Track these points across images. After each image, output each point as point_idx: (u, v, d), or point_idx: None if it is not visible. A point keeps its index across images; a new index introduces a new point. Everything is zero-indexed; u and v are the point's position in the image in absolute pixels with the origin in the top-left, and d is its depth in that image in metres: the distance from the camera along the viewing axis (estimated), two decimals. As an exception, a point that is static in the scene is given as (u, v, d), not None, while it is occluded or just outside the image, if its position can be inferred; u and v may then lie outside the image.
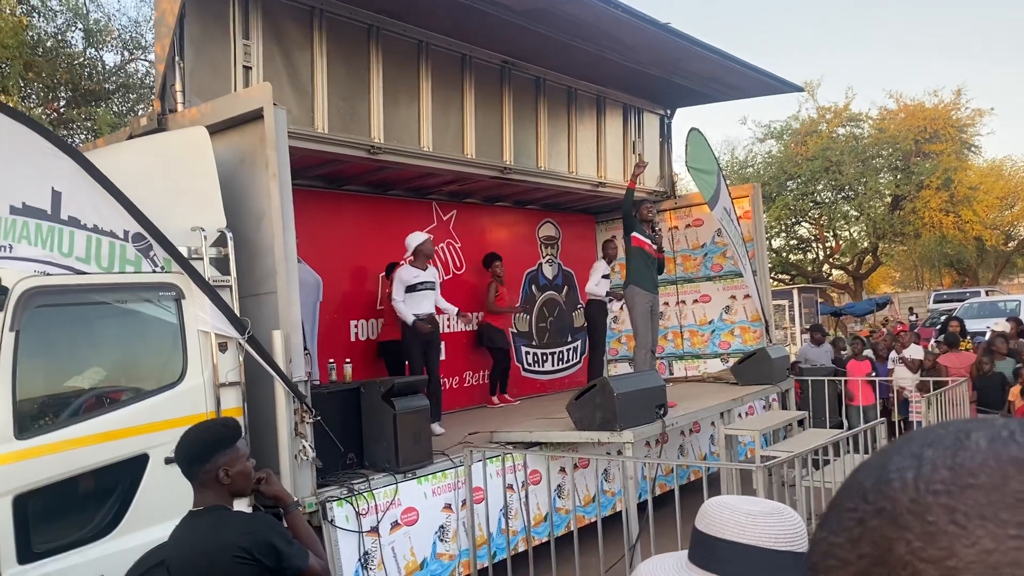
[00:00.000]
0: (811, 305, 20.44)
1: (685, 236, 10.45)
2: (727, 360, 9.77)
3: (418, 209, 8.80)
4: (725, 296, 10.17)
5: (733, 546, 1.22)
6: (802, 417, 8.16)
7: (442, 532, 5.56)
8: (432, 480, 5.58)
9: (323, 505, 4.89)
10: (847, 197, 28.48)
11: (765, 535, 1.21)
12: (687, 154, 9.11)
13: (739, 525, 1.23)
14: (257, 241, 5.05)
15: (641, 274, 7.70)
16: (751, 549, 1.21)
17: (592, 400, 5.97)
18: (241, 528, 2.48)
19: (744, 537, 1.22)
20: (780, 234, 30.27)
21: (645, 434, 6.17)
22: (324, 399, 5.32)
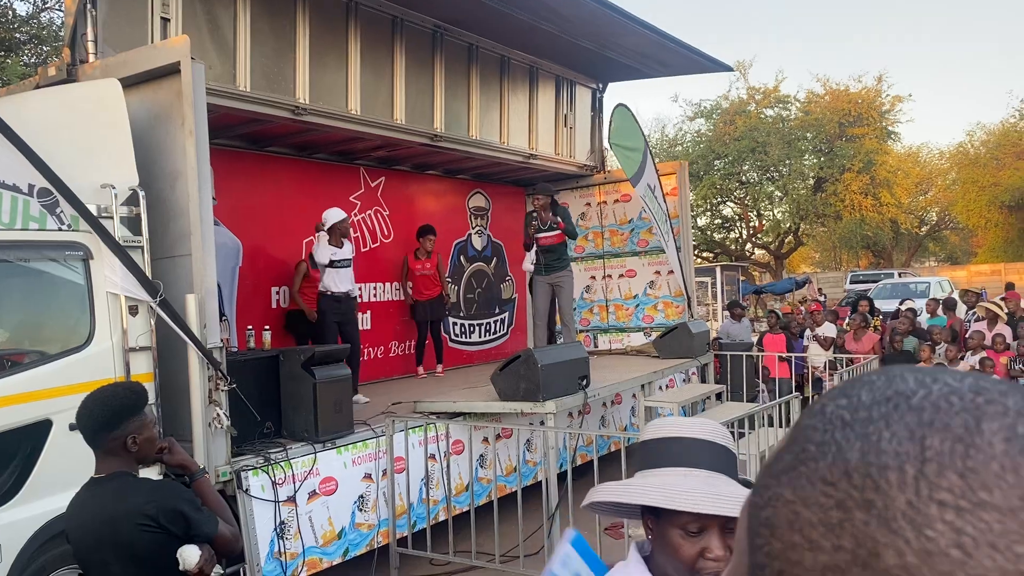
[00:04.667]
0: (733, 283, 20.92)
1: (613, 211, 10.52)
2: (650, 334, 9.92)
3: (345, 174, 8.61)
4: (650, 271, 10.29)
5: (682, 441, 1.43)
6: (720, 391, 8.36)
7: (361, 502, 5.51)
8: (352, 450, 5.51)
9: (238, 474, 4.78)
10: (772, 178, 29.19)
11: (703, 431, 1.45)
12: (611, 130, 9.15)
13: (681, 426, 1.47)
14: (172, 201, 4.86)
15: (540, 263, 8.18)
16: (697, 442, 1.43)
17: (516, 371, 5.97)
18: (147, 495, 2.39)
19: (689, 433, 1.45)
20: (706, 212, 30.86)
21: (567, 405, 6.22)
22: (241, 366, 5.18)
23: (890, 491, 0.36)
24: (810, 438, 0.41)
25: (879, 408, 0.40)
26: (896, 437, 0.38)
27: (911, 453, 0.37)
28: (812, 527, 0.38)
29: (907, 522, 0.35)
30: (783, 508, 0.40)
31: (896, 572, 0.35)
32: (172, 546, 2.35)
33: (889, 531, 0.36)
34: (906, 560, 0.35)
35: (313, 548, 5.12)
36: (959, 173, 33.40)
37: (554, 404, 5.85)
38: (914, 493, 0.36)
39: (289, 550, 4.96)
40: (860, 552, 0.36)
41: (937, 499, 0.35)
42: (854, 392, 0.42)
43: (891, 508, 0.36)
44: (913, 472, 0.36)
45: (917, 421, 0.38)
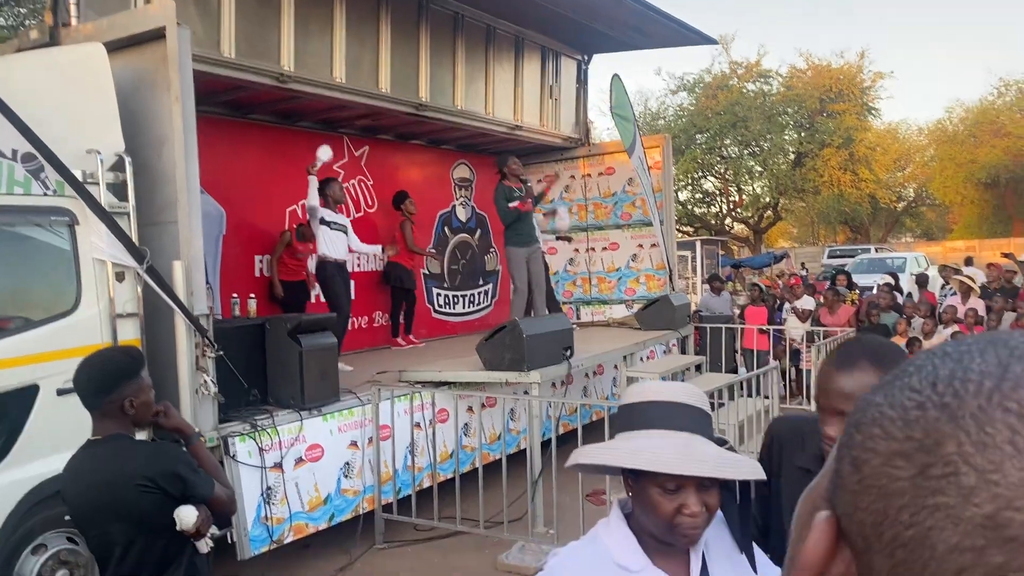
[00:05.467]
0: (712, 257, 21.07)
1: (597, 184, 10.55)
2: (631, 306, 10.01)
3: (328, 143, 8.54)
4: (633, 244, 10.36)
5: (661, 404, 1.48)
6: (700, 362, 8.47)
7: (347, 468, 5.56)
8: (338, 417, 5.56)
9: (225, 440, 4.81)
10: (753, 153, 29.29)
11: (681, 394, 1.50)
12: (611, 99, 9.14)
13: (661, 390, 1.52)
14: (157, 168, 4.83)
15: (517, 231, 7.92)
16: (675, 405, 1.48)
17: (502, 341, 6.03)
18: (145, 457, 2.42)
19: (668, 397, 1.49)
20: (687, 187, 30.95)
21: (551, 375, 6.29)
22: (227, 334, 5.18)
23: (966, 397, 0.42)
24: (911, 363, 0.48)
25: (978, 345, 0.46)
26: (985, 362, 0.44)
27: (993, 373, 0.43)
28: (891, 422, 0.44)
29: (973, 420, 0.41)
30: (872, 409, 0.46)
31: (952, 458, 0.41)
32: (169, 507, 2.39)
33: (956, 426, 0.41)
34: (963, 448, 0.41)
35: (299, 513, 5.18)
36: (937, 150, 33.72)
37: (538, 374, 5.92)
38: (986, 399, 0.41)
39: (275, 515, 5.01)
40: (927, 441, 0.42)
41: (1004, 406, 0.41)
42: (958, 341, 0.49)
43: (962, 409, 0.42)
44: (990, 385, 0.42)
45: (1008, 353, 0.44)
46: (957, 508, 0.40)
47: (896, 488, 0.42)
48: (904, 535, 0.41)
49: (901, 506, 0.42)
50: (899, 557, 0.42)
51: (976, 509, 0.39)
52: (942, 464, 0.41)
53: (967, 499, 0.40)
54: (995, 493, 0.39)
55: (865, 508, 0.44)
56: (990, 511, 0.39)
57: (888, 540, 0.42)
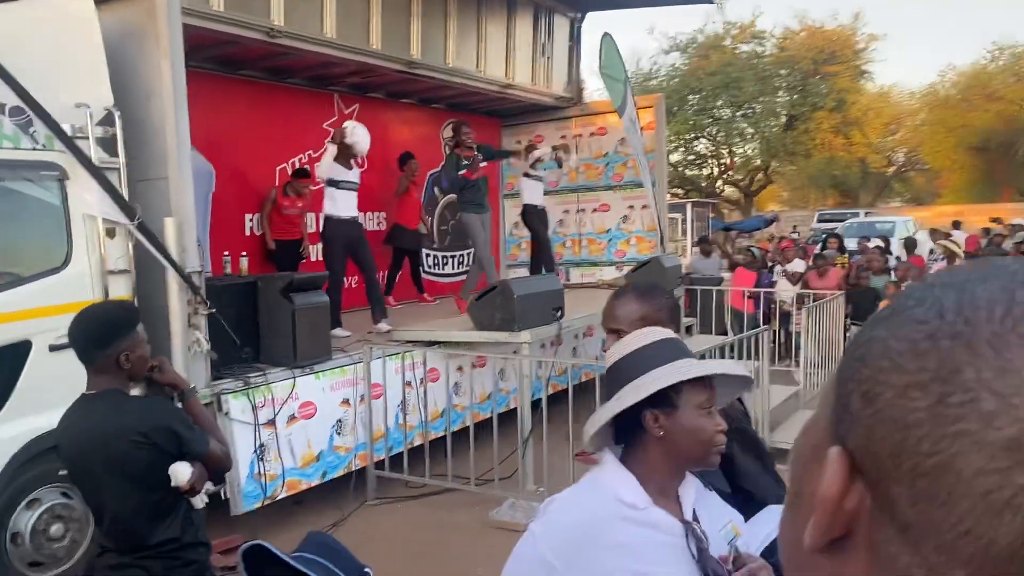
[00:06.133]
0: (703, 219, 21.07)
1: (589, 144, 10.49)
2: (622, 268, 10.02)
3: (318, 100, 8.47)
4: (624, 206, 10.34)
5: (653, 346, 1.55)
6: (690, 324, 8.52)
7: (339, 426, 5.60)
8: (330, 376, 5.58)
9: (218, 397, 4.83)
10: (745, 115, 29.14)
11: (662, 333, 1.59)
12: (601, 59, 9.05)
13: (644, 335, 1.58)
14: (147, 122, 4.77)
15: (470, 199, 7.82)
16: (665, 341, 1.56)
17: (493, 301, 6.04)
18: (140, 412, 2.43)
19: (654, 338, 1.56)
20: (679, 149, 30.83)
21: (542, 335, 6.32)
22: (219, 292, 5.18)
23: (978, 325, 0.42)
24: (910, 295, 0.48)
25: (978, 273, 0.46)
26: (991, 289, 0.44)
27: (1002, 300, 0.43)
28: (900, 354, 0.44)
29: (989, 347, 0.41)
30: (876, 343, 0.46)
31: (971, 385, 0.41)
32: (164, 463, 2.40)
33: (972, 353, 0.42)
34: (982, 375, 0.41)
35: (292, 470, 5.23)
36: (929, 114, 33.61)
37: (529, 334, 5.94)
38: (999, 325, 0.42)
39: (269, 471, 5.05)
40: (942, 371, 0.42)
41: (1018, 331, 0.41)
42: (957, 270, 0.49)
43: (977, 336, 0.42)
44: (1001, 312, 0.42)
45: (1011, 280, 0.44)
46: (980, 433, 0.40)
47: (914, 419, 0.43)
48: (925, 464, 0.42)
49: (921, 436, 0.42)
50: (920, 485, 0.42)
51: (999, 432, 0.40)
52: (961, 392, 0.41)
53: (989, 424, 0.40)
54: (1017, 416, 0.40)
55: (881, 440, 0.44)
56: (1013, 433, 0.40)
57: (908, 470, 0.43)
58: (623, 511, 1.48)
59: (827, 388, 0.51)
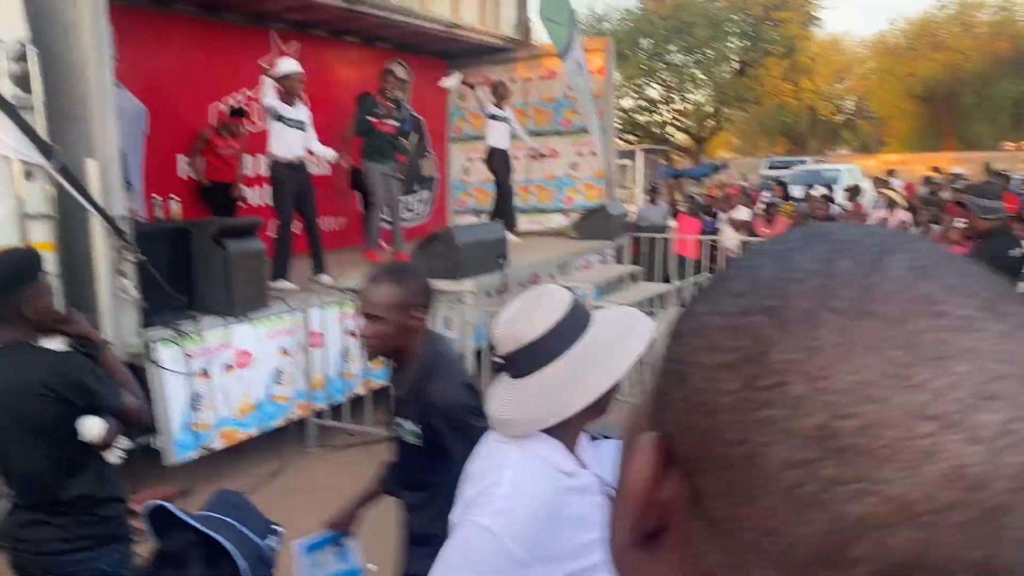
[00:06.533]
0: (654, 166, 21.09)
1: (537, 88, 10.32)
2: (569, 215, 9.97)
3: (255, 38, 8.14)
4: (572, 152, 10.23)
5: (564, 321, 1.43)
6: (635, 272, 8.55)
7: (278, 375, 5.51)
8: (268, 324, 5.46)
9: (148, 346, 4.69)
10: (697, 60, 29.07)
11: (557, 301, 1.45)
12: (541, 2, 8.85)
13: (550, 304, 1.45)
14: (66, 58, 4.51)
15: (372, 147, 7.42)
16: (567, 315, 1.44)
17: (435, 249, 5.97)
18: (47, 365, 2.32)
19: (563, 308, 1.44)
20: (630, 94, 30.69)
21: (486, 284, 6.27)
22: (149, 237, 4.98)
23: (791, 299, 0.38)
24: (731, 265, 0.44)
25: (798, 241, 0.42)
26: (809, 259, 0.40)
27: (819, 271, 0.39)
28: (715, 331, 0.40)
29: (799, 323, 0.37)
30: (691, 320, 0.42)
31: (781, 366, 0.37)
32: (74, 418, 2.31)
33: (782, 330, 0.38)
34: (791, 355, 0.37)
35: (228, 420, 5.14)
36: (877, 63, 33.96)
37: (472, 283, 5.89)
38: (812, 302, 0.38)
39: (203, 421, 4.96)
40: (753, 350, 0.38)
41: (831, 306, 0.37)
42: (780, 237, 0.44)
43: (789, 311, 0.38)
44: (816, 284, 0.38)
45: (831, 248, 0.40)
46: (787, 420, 0.36)
47: (723, 403, 0.39)
48: (732, 453, 0.38)
49: (729, 422, 0.38)
50: (728, 477, 0.38)
51: (806, 420, 0.36)
52: (769, 374, 0.37)
53: (796, 410, 0.36)
54: (825, 401, 0.36)
55: (692, 427, 0.40)
56: (821, 420, 0.36)
57: (716, 459, 0.39)
58: (565, 481, 1.42)
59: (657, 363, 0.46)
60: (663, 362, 0.44)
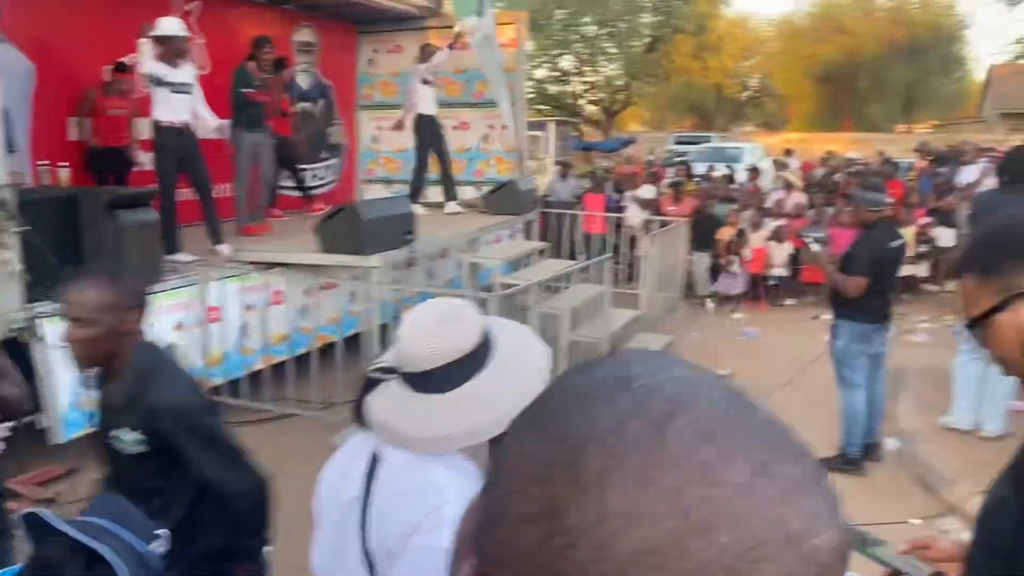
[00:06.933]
0: (565, 138, 21.23)
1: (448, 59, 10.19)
2: (480, 189, 9.96)
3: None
4: (484, 125, 10.19)
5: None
6: (543, 247, 8.63)
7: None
8: (162, 298, 5.28)
9: (32, 322, 4.48)
10: (610, 33, 29.27)
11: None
12: None
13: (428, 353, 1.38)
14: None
15: (247, 115, 7.09)
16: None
17: (340, 223, 5.88)
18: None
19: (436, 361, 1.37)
20: (543, 65, 30.69)
21: (392, 259, 6.23)
22: (34, 206, 4.73)
23: (589, 459, 0.41)
24: (547, 404, 0.46)
25: (607, 387, 0.44)
26: (611, 415, 0.42)
27: (615, 430, 0.41)
28: (524, 478, 0.43)
29: (592, 486, 0.40)
30: (511, 458, 0.45)
31: (573, 529, 0.40)
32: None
33: (578, 492, 0.40)
34: (584, 520, 0.39)
35: (121, 398, 4.96)
36: (782, 43, 34.93)
37: (378, 258, 5.84)
38: (606, 464, 0.40)
39: (92, 398, 4.77)
40: (552, 506, 0.41)
41: (621, 472, 0.40)
42: (594, 368, 0.47)
43: (585, 473, 0.40)
44: (611, 446, 0.41)
45: (631, 403, 0.42)
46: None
47: (525, 553, 0.41)
48: None
49: (531, 573, 0.41)
50: None
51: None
52: (562, 534, 0.40)
53: (583, 574, 0.39)
54: (606, 569, 0.39)
55: (503, 568, 0.43)
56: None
57: None
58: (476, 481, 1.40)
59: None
60: (485, 491, 0.46)
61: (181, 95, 6.15)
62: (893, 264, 4.92)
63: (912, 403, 6.05)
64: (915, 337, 8.08)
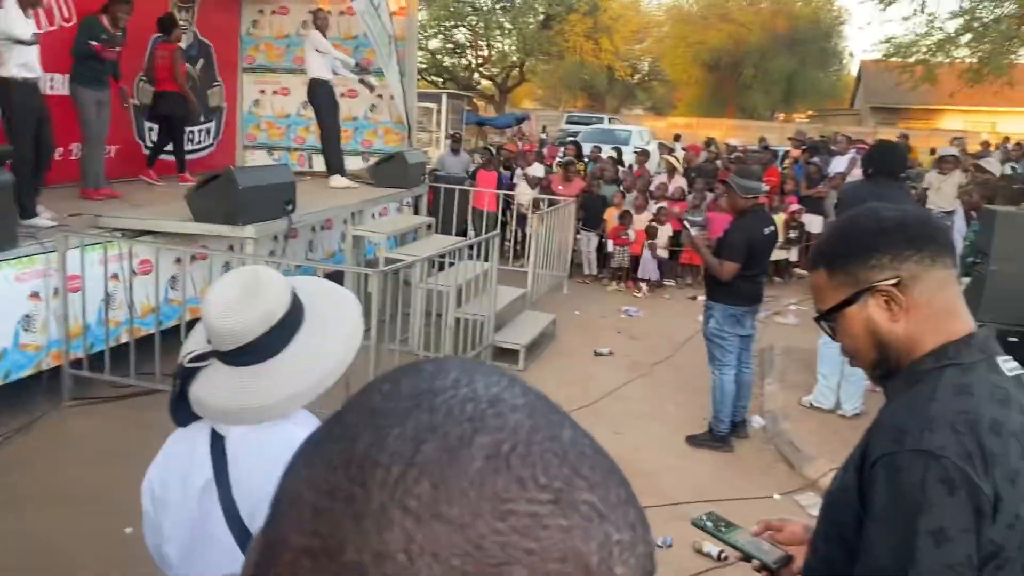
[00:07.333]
0: (458, 112, 21.05)
1: (337, 24, 9.88)
2: (367, 160, 9.75)
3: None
4: (372, 94, 9.95)
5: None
6: (430, 222, 8.54)
7: (27, 322, 5.00)
8: (15, 265, 4.91)
9: None
10: (504, 7, 29.17)
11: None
12: None
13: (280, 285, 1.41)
14: None
15: (91, 69, 6.70)
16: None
17: (214, 191, 5.61)
18: None
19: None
20: (438, 35, 30.32)
21: (270, 230, 6.01)
22: None
23: (372, 489, 0.37)
24: (342, 418, 0.42)
25: (405, 403, 0.40)
26: (402, 436, 0.39)
27: (404, 455, 0.38)
28: (306, 507, 0.39)
29: (373, 522, 0.36)
30: (293, 483, 0.41)
31: (352, 568, 0.36)
32: None
33: (357, 527, 0.37)
34: (362, 558, 0.36)
35: (-35, 371, 4.61)
36: (672, 28, 35.71)
37: (254, 229, 5.62)
38: (389, 495, 0.37)
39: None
40: (331, 542, 0.37)
41: (404, 504, 0.36)
42: (400, 379, 0.43)
43: (367, 506, 0.37)
44: (397, 474, 0.37)
45: (427, 424, 0.39)
46: None
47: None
48: None
49: None
50: None
51: None
52: (343, 573, 0.36)
53: None
54: None
55: None
56: None
57: None
58: None
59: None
60: (267, 520, 0.41)
61: (33, 48, 5.76)
62: (765, 250, 5.10)
63: (778, 382, 6.33)
64: (784, 319, 8.47)
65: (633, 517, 0.40)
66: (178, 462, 1.49)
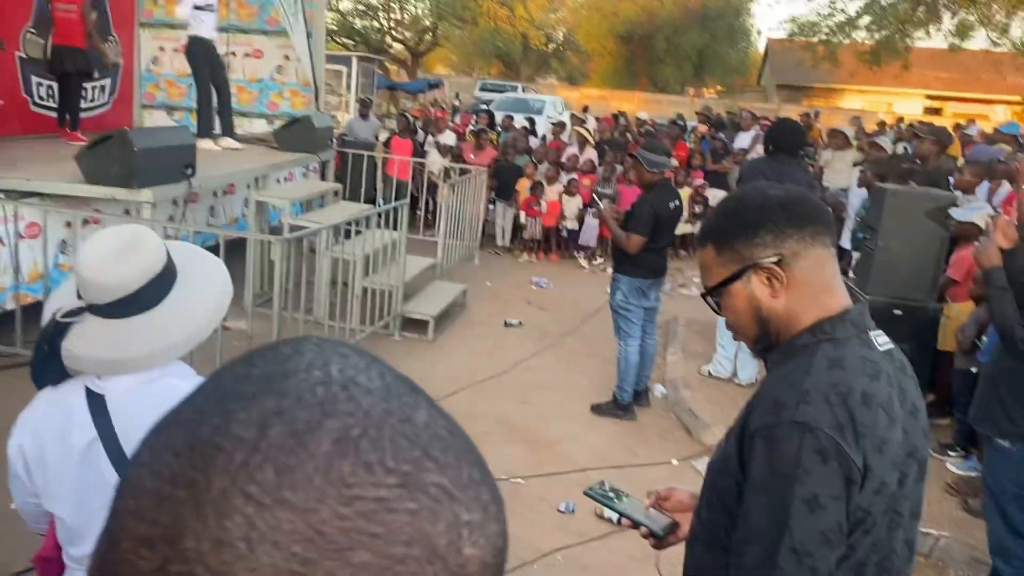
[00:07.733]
0: (369, 75, 20.63)
1: None
2: (273, 123, 9.46)
3: None
4: (279, 55, 9.64)
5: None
6: (337, 189, 8.38)
7: (-100, 288, 4.69)
8: None
9: None
10: (418, -29, 28.64)
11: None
12: None
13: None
14: None
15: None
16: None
17: (108, 152, 5.34)
18: None
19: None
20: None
21: (168, 194, 5.78)
22: None
23: (213, 475, 0.36)
24: (192, 401, 0.41)
25: (255, 386, 0.39)
26: (248, 421, 0.37)
27: (249, 440, 0.37)
28: (146, 496, 0.38)
29: (213, 509, 0.35)
30: (136, 470, 0.39)
31: (191, 555, 0.35)
32: None
33: (198, 514, 0.36)
34: (201, 545, 0.35)
35: None
36: (587, -2, 35.77)
37: (151, 192, 5.39)
38: (231, 481, 0.36)
39: None
40: (171, 530, 0.36)
41: (245, 491, 0.36)
42: (254, 360, 0.42)
43: (207, 492, 0.36)
44: (240, 460, 0.36)
45: (275, 407, 0.38)
46: None
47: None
48: None
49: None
50: None
51: None
52: (180, 561, 0.35)
53: None
54: None
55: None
56: None
57: None
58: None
59: None
60: (111, 507, 0.40)
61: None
62: (670, 224, 5.21)
63: (681, 352, 6.52)
64: (688, 291, 8.70)
65: (486, 497, 0.40)
66: (52, 422, 1.50)
